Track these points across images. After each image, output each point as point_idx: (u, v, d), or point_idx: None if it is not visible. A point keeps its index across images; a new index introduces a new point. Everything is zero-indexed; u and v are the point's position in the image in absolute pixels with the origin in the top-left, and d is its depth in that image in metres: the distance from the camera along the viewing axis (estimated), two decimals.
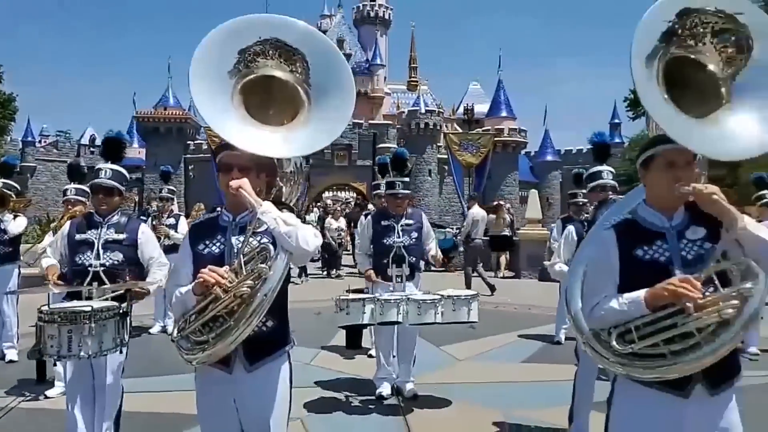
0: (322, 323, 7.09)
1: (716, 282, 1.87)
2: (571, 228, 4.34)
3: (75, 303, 2.97)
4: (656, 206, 2.06)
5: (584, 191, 7.08)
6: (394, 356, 5.00)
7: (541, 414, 4.43)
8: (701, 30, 1.96)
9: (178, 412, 4.19)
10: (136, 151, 48.14)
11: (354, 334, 6.13)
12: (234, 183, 2.17)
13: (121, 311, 2.90)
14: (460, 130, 38.98)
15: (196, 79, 2.16)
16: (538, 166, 49.59)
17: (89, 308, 2.80)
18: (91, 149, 46.43)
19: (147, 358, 5.68)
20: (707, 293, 1.84)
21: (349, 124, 46.60)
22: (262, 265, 2.10)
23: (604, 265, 2.06)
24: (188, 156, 42.27)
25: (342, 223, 14.71)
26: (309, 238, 2.15)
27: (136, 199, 36.90)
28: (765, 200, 6.96)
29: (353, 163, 42.77)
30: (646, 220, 2.06)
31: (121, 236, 3.41)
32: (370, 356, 5.85)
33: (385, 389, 4.91)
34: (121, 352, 2.99)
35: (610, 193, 4.00)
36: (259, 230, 2.20)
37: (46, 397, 4.86)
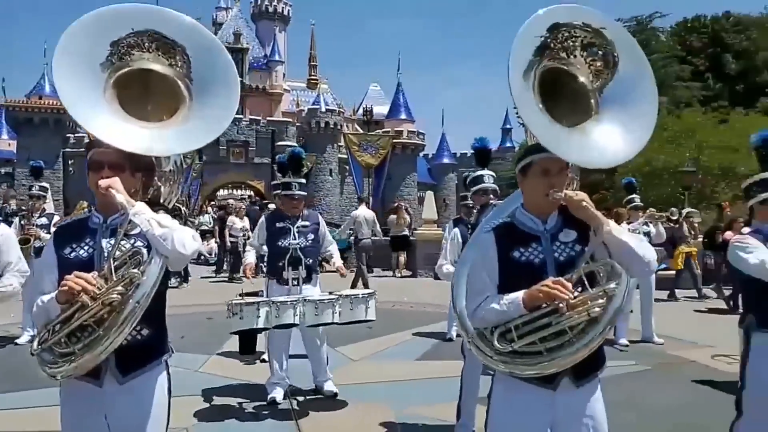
0: (215, 328, 6.84)
1: (585, 282, 2.00)
2: (456, 230, 4.50)
3: None
4: (532, 210, 2.17)
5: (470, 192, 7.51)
6: (287, 360, 4.92)
7: (431, 410, 4.54)
8: (571, 43, 2.10)
9: (47, 430, 3.85)
10: (5, 143, 43.98)
11: (248, 339, 5.93)
12: (103, 182, 2.01)
13: None
14: (360, 131, 39.28)
15: (60, 71, 2.00)
16: (435, 168, 51.06)
17: None
18: None
19: (13, 370, 5.18)
20: (577, 293, 1.97)
21: (246, 121, 45.62)
22: (135, 270, 1.97)
23: (485, 266, 2.15)
24: (68, 150, 38.98)
25: (246, 222, 13.90)
26: (186, 240, 2.03)
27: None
28: (634, 203, 7.62)
29: (250, 160, 41.67)
30: (523, 224, 2.17)
31: None
32: (263, 361, 5.72)
33: (277, 394, 4.80)
34: None
35: (491, 196, 4.15)
36: (131, 233, 2.07)
37: None
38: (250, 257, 5.22)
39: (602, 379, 2.19)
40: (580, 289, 1.99)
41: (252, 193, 39.16)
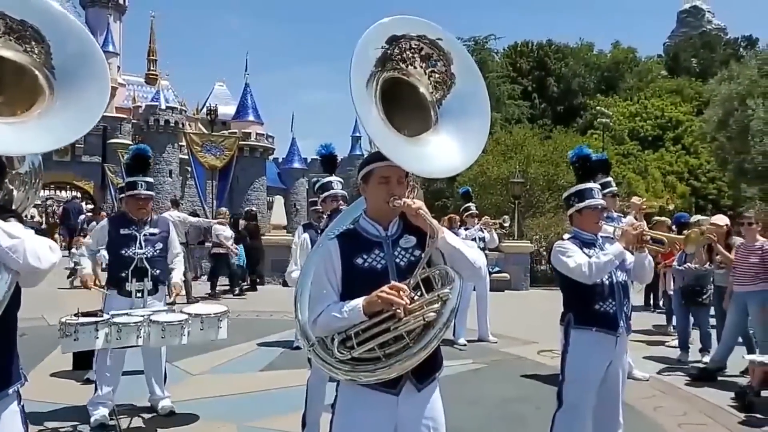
0: (22, 347, 6.03)
1: (422, 287, 2.05)
2: (306, 235, 4.42)
3: None
4: (374, 217, 2.19)
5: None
6: (118, 378, 4.50)
7: (275, 422, 4.42)
8: (410, 54, 2.14)
9: None
10: None
11: (83, 354, 5.28)
12: None
13: None
14: (204, 131, 37.61)
15: None
16: (285, 172, 50.58)
17: None
18: None
19: None
20: (415, 298, 2.00)
21: None
22: None
23: (327, 273, 2.13)
24: None
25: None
26: (41, 252, 1.80)
27: None
28: (470, 211, 8.15)
29: (77, 158, 37.91)
30: (365, 230, 2.18)
31: None
32: (88, 381, 5.15)
33: (102, 413, 4.33)
34: None
35: (341, 202, 4.16)
36: None
37: None
38: (87, 266, 4.68)
39: (443, 377, 2.27)
40: (418, 293, 2.04)
41: (79, 194, 35.64)
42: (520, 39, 44.50)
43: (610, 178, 6.10)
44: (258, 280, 13.09)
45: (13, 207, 2.06)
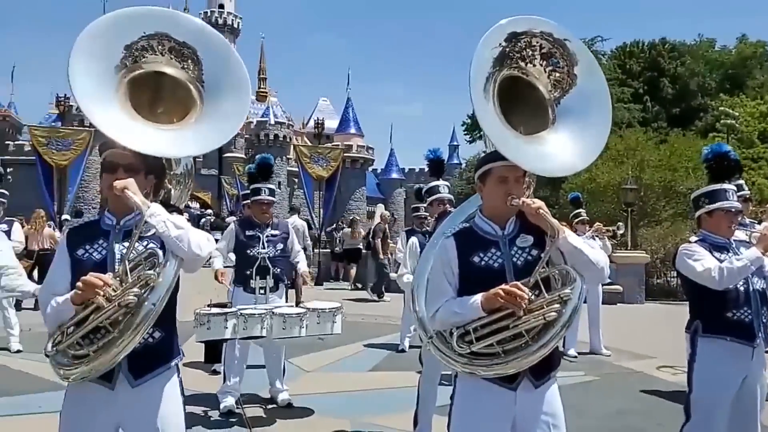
0: None
1: (541, 286, 2.04)
2: (414, 239, 4.53)
3: None
4: (490, 216, 2.21)
5: (424, 205, 7.69)
6: (243, 370, 4.86)
7: (386, 420, 4.53)
8: (530, 52, 2.17)
9: None
10: None
11: (213, 347, 5.74)
12: (119, 183, 1.99)
13: None
14: (310, 144, 39.17)
15: (76, 74, 2.00)
16: (384, 182, 51.38)
17: None
18: None
19: None
20: (534, 297, 2.01)
21: None
22: (150, 272, 1.94)
23: (444, 270, 2.18)
24: (7, 158, 37.18)
25: None
26: (201, 242, 2.03)
27: None
28: (581, 217, 7.83)
29: (197, 171, 40.84)
30: (481, 229, 2.21)
31: None
32: (215, 372, 5.56)
33: (230, 402, 4.71)
34: None
35: (448, 205, 4.21)
36: (146, 234, 2.03)
37: None
38: (217, 263, 4.98)
39: None
40: (537, 293, 2.04)
41: (198, 204, 38.34)
42: (630, 39, 42.34)
43: (742, 181, 5.67)
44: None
45: (172, 203, 2.33)
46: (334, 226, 18.66)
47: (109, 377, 2.00)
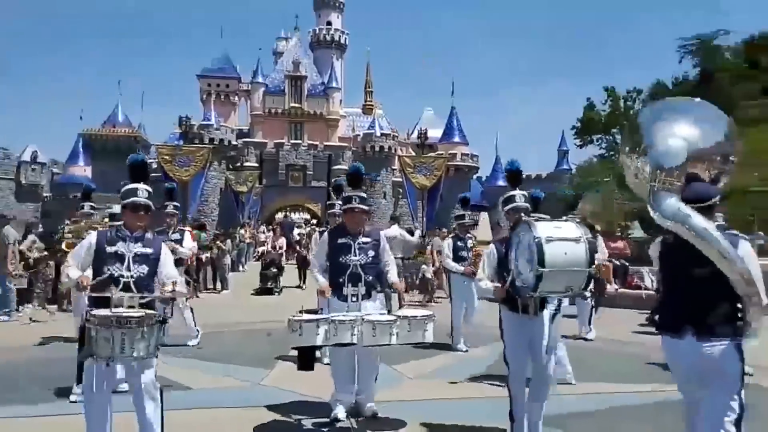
0: (276, 344, 7.09)
1: None
2: (492, 247, 4.51)
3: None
4: None
5: (467, 212, 8.19)
6: (353, 376, 4.81)
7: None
8: None
9: None
10: (81, 169, 46.71)
11: (307, 355, 6.02)
12: None
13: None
14: (414, 154, 39.62)
15: None
16: (489, 190, 50.59)
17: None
18: (33, 166, 44.69)
19: None
20: None
21: (304, 146, 46.66)
22: None
23: None
24: None
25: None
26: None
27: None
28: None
29: (308, 184, 42.68)
30: None
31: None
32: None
33: (340, 411, 4.78)
34: None
35: (523, 214, 4.25)
36: None
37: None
38: (320, 278, 4.97)
39: None
40: None
41: (309, 216, 40.01)
42: (757, 31, 38.69)
43: None
44: None
45: None
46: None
47: None
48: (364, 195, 5.09)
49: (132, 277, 3.62)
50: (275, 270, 15.21)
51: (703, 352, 2.94)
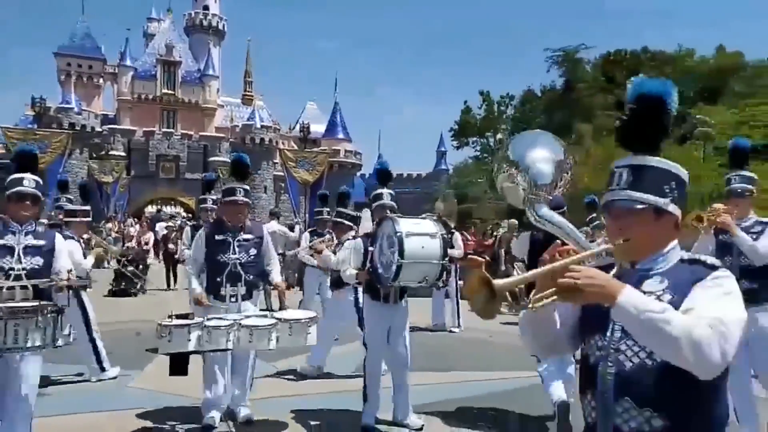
0: (139, 343, 6.64)
1: None
2: (359, 240, 4.71)
3: None
4: None
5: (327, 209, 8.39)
6: (226, 379, 4.55)
7: None
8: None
9: None
10: None
11: (179, 360, 5.55)
12: None
13: None
14: (296, 149, 39.16)
15: None
16: (372, 188, 51.37)
17: None
18: None
19: None
20: None
21: (177, 135, 44.35)
22: None
23: None
24: None
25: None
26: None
27: None
28: (596, 222, 7.30)
29: (181, 175, 40.56)
30: None
31: None
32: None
33: (215, 417, 4.45)
34: None
35: (389, 211, 4.52)
36: None
37: None
38: (196, 286, 4.55)
39: None
40: None
41: (182, 210, 38.04)
42: (613, 48, 42.90)
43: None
44: None
45: None
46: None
47: None
48: (248, 187, 4.74)
49: (24, 269, 3.57)
50: (134, 268, 13.70)
51: None
